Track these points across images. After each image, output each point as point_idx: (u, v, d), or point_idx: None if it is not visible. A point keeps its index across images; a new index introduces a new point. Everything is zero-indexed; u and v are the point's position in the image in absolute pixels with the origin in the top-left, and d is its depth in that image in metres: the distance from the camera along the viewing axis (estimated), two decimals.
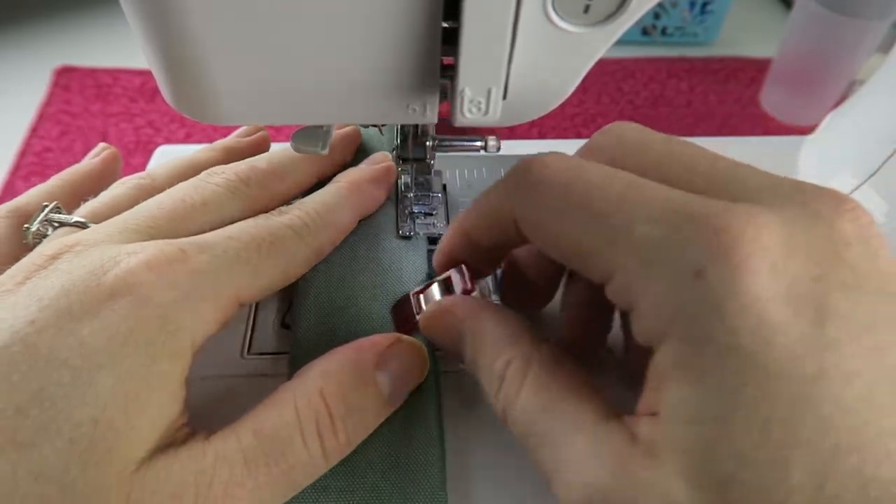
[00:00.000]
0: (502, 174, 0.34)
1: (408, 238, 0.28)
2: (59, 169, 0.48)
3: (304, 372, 0.21)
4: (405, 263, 0.27)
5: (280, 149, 0.27)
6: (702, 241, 0.14)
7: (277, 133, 0.48)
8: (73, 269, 0.18)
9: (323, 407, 0.20)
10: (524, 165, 0.19)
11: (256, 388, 0.24)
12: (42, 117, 0.50)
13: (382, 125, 0.29)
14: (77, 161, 0.29)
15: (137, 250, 0.19)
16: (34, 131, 0.48)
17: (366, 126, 0.31)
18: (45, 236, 0.22)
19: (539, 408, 0.18)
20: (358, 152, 0.31)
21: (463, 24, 0.16)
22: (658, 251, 0.15)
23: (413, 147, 0.29)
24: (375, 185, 0.28)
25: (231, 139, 0.30)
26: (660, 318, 0.15)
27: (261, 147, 0.31)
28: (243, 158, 0.27)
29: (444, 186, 0.32)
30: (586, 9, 0.17)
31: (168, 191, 0.23)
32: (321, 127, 0.24)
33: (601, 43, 0.18)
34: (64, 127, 0.49)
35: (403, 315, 0.25)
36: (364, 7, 0.17)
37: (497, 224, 0.20)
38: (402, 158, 0.29)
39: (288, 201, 0.26)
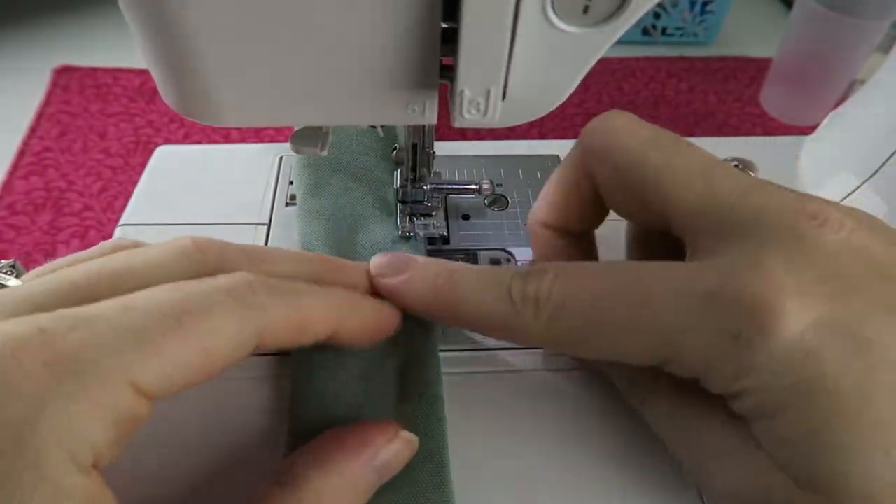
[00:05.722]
0: (502, 175, 0.34)
1: (406, 239, 0.28)
2: (59, 169, 0.48)
3: (297, 484, 0.18)
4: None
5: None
6: None
7: (278, 133, 0.48)
8: None
9: None
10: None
11: (258, 389, 0.25)
12: (41, 117, 0.50)
13: (382, 126, 0.29)
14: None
15: None
16: (33, 131, 0.48)
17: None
18: None
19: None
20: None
21: (462, 24, 0.16)
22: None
23: (412, 191, 0.29)
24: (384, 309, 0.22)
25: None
26: None
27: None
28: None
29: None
30: (585, 9, 0.17)
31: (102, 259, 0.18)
32: (320, 128, 0.24)
33: (600, 44, 0.18)
34: (63, 127, 0.49)
35: None
36: (363, 7, 0.17)
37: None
38: (401, 202, 0.30)
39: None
